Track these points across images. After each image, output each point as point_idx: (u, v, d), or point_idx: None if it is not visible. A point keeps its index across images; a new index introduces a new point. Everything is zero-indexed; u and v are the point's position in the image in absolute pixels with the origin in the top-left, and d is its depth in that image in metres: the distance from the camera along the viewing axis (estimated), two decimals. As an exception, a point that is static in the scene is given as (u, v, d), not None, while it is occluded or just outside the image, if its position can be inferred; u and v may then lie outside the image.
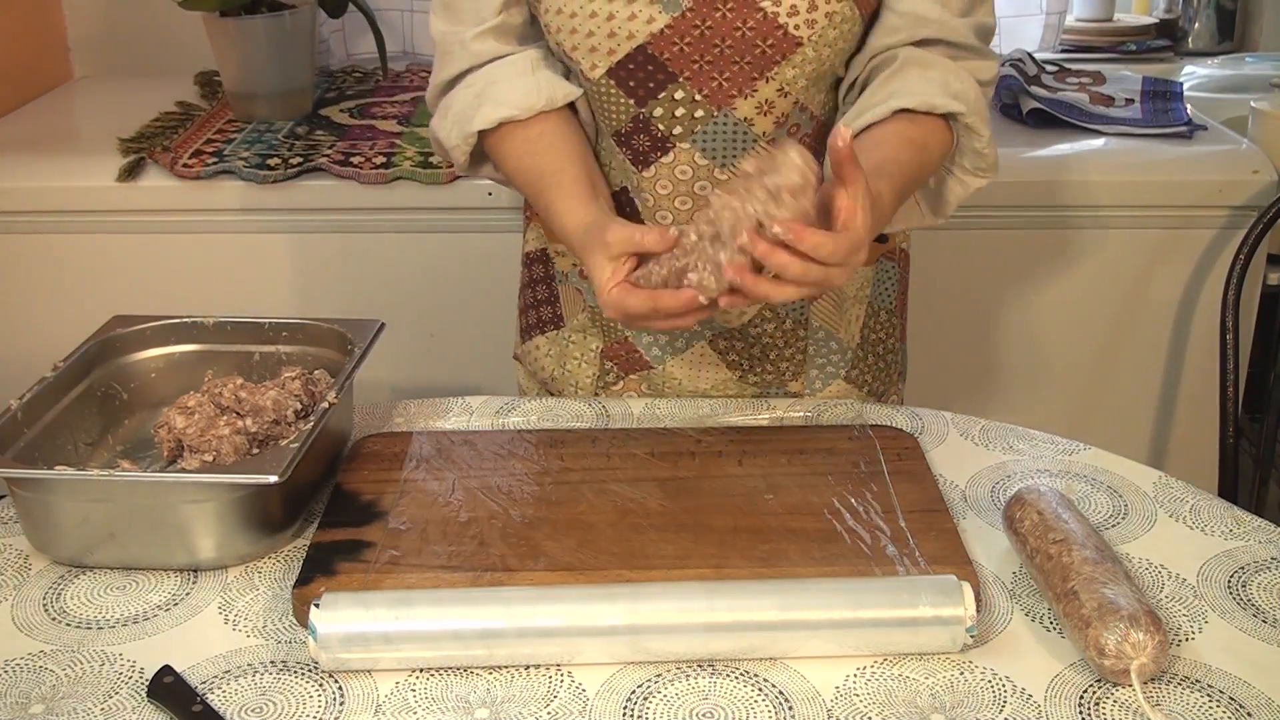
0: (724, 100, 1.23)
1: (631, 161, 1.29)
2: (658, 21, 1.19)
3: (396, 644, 0.95)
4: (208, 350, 1.30)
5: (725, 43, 1.19)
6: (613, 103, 1.25)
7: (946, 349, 2.08)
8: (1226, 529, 1.13)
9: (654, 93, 1.23)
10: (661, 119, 1.25)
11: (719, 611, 0.96)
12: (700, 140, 1.25)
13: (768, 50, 1.20)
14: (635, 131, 1.26)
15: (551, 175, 1.23)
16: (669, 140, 1.26)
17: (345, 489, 1.16)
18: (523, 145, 1.25)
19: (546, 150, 1.24)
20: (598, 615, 0.95)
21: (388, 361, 1.38)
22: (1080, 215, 1.97)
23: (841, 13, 1.19)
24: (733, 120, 1.24)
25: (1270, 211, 1.82)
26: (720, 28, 1.19)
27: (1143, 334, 2.04)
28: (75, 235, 1.98)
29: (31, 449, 1.12)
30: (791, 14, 1.18)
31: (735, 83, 1.22)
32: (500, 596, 0.97)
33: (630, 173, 1.30)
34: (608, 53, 1.21)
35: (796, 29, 1.19)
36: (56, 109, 2.36)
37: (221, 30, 2.07)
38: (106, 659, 0.98)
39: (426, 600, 0.97)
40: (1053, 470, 1.22)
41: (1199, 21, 2.57)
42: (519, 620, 0.95)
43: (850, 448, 1.21)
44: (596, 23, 1.20)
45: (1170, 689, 0.93)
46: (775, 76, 1.22)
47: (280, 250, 1.99)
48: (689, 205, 1.29)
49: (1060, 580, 0.98)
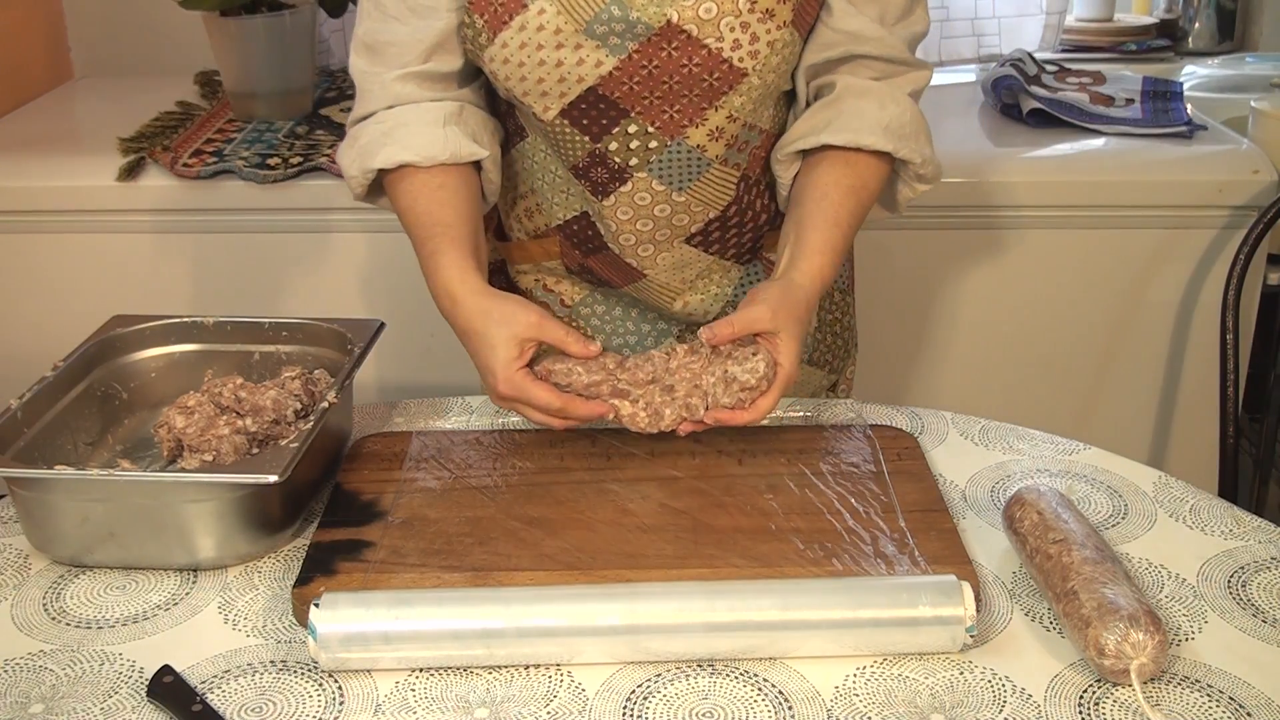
0: (676, 131, 1.24)
1: (591, 192, 1.30)
2: (605, 65, 1.19)
3: (396, 644, 0.95)
4: (208, 350, 1.30)
5: (673, 79, 1.20)
6: (568, 140, 1.26)
7: (946, 349, 2.09)
8: (1226, 529, 1.13)
9: (607, 129, 1.24)
10: (617, 152, 1.26)
11: (719, 611, 0.96)
12: (656, 169, 1.27)
13: (714, 83, 1.21)
14: (592, 165, 1.27)
15: (444, 227, 1.21)
16: (626, 170, 1.27)
17: (345, 489, 1.16)
18: (420, 189, 1.24)
19: (444, 203, 1.23)
20: (597, 615, 0.95)
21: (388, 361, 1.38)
22: (1080, 215, 1.97)
23: (782, 39, 1.20)
24: (686, 148, 1.25)
25: (1270, 211, 1.82)
26: (667, 66, 1.19)
27: (1143, 334, 2.04)
28: (75, 235, 1.98)
29: (31, 449, 1.12)
30: (734, 48, 1.18)
31: (686, 114, 1.23)
32: (500, 596, 0.97)
33: (590, 200, 1.31)
34: (559, 96, 1.22)
35: (741, 61, 1.19)
36: (56, 109, 2.35)
37: (221, 30, 2.07)
38: (106, 659, 0.98)
39: (426, 600, 0.97)
40: (1053, 470, 1.22)
41: (1199, 21, 2.57)
42: (518, 620, 0.95)
43: (850, 448, 1.21)
44: (545, 69, 1.20)
45: (1170, 689, 0.93)
46: (724, 105, 1.23)
47: (280, 250, 1.99)
48: (650, 226, 1.31)
49: (1060, 580, 0.98)
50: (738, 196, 1.31)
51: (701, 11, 1.16)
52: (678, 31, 1.17)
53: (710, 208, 1.31)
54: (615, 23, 1.17)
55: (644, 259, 1.34)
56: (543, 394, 1.13)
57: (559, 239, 1.38)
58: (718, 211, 1.31)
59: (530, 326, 1.14)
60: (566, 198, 1.33)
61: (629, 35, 1.17)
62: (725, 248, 1.36)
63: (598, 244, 1.35)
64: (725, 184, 1.30)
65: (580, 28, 1.17)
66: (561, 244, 1.38)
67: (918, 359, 2.10)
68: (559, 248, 1.39)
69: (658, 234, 1.32)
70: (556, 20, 1.17)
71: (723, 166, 1.28)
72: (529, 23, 1.18)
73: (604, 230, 1.33)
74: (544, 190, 1.35)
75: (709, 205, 1.31)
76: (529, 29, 1.18)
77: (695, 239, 1.34)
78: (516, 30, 1.18)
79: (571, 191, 1.32)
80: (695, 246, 1.34)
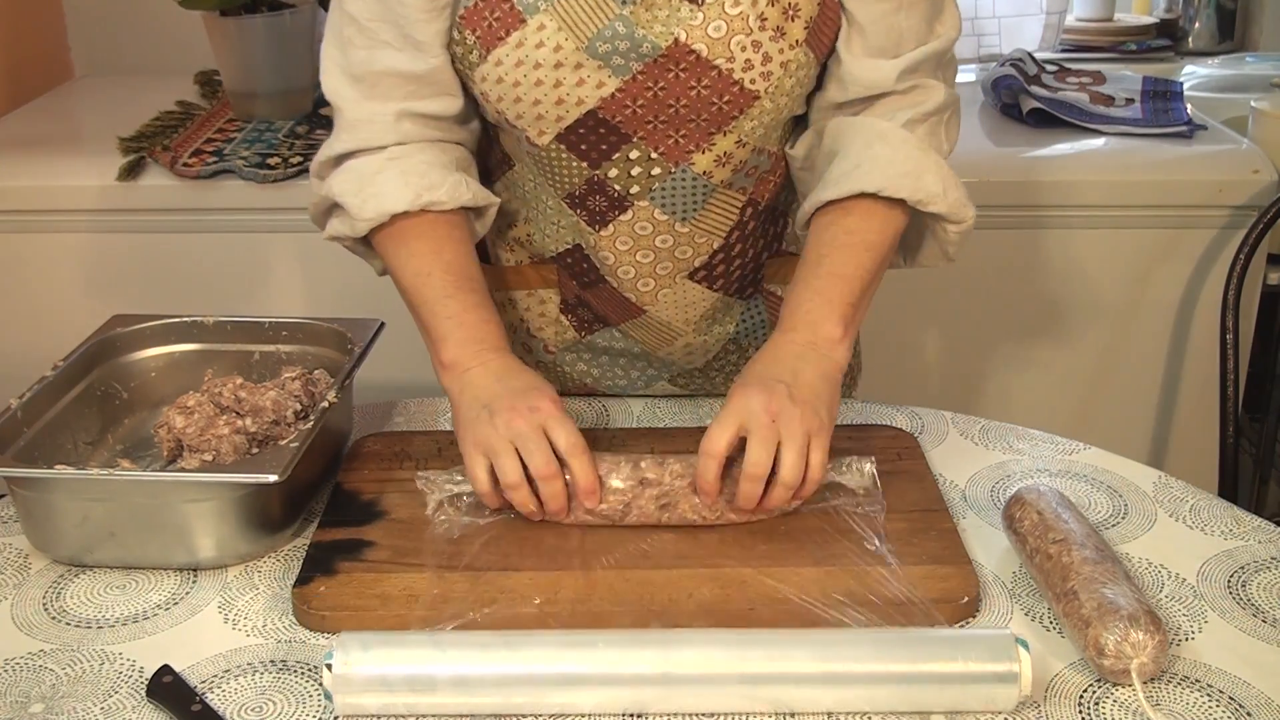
0: (681, 157, 1.18)
1: (587, 222, 1.23)
2: (608, 86, 1.13)
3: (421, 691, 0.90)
4: (207, 350, 1.30)
5: (680, 102, 1.14)
6: (563, 166, 1.20)
7: (946, 349, 2.09)
8: (1226, 529, 1.13)
9: (607, 154, 1.18)
10: (617, 179, 1.19)
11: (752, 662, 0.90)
12: (659, 197, 1.21)
13: (724, 107, 1.14)
14: (590, 193, 1.21)
15: (472, 282, 1.17)
16: (627, 199, 1.21)
17: (345, 488, 1.16)
18: (445, 236, 1.17)
19: (465, 254, 1.18)
20: (628, 662, 0.91)
21: (388, 361, 1.38)
22: (1080, 215, 1.97)
23: (796, 59, 1.14)
24: (691, 175, 1.19)
25: (1270, 211, 1.82)
26: (674, 88, 1.13)
27: (1143, 334, 2.04)
28: (75, 235, 1.98)
29: (31, 448, 1.12)
30: (746, 69, 1.12)
31: (692, 139, 1.17)
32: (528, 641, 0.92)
33: (586, 233, 1.25)
34: (555, 119, 1.15)
35: (753, 83, 1.13)
36: (56, 108, 2.35)
37: (221, 29, 2.07)
38: (106, 658, 0.98)
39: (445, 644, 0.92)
40: (1053, 470, 1.22)
41: (1199, 21, 2.57)
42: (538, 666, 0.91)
43: (850, 448, 1.21)
44: (543, 90, 1.13)
45: (1170, 689, 0.93)
46: (733, 130, 1.17)
47: (280, 250, 1.99)
48: (650, 259, 1.25)
49: (1060, 580, 0.98)
50: (741, 222, 1.26)
51: (710, 30, 1.10)
52: (686, 51, 1.11)
53: (714, 236, 1.25)
54: (619, 40, 1.10)
55: (644, 294, 1.28)
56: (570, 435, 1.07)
57: (556, 268, 1.32)
58: (721, 240, 1.25)
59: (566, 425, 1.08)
60: (558, 229, 1.27)
61: (634, 55, 1.11)
62: (729, 282, 1.30)
63: (594, 277, 1.29)
64: (729, 210, 1.24)
65: (581, 45, 1.11)
66: (559, 273, 1.32)
67: (918, 359, 2.10)
68: (557, 276, 1.33)
69: (659, 267, 1.26)
70: (557, 37, 1.10)
71: (727, 190, 1.22)
72: (527, 39, 1.11)
73: (600, 264, 1.27)
74: (535, 221, 1.29)
75: (712, 234, 1.25)
76: (527, 46, 1.11)
77: (699, 274, 1.28)
78: (513, 48, 1.12)
79: (563, 224, 1.26)
80: (699, 283, 1.28)
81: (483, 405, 1.09)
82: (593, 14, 1.10)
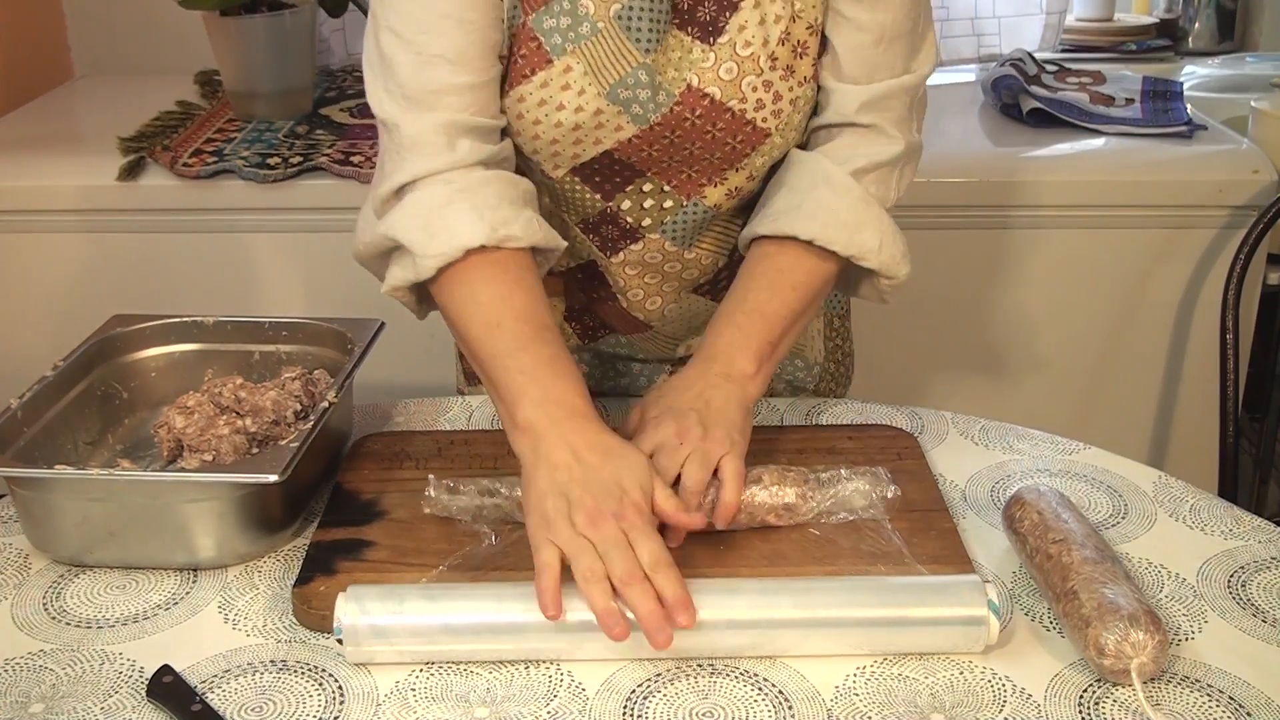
0: (693, 191, 1.20)
1: (599, 247, 1.25)
2: (626, 131, 1.13)
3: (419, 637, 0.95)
4: (207, 350, 1.30)
5: (695, 145, 1.15)
6: (578, 197, 1.20)
7: (946, 349, 2.09)
8: (1226, 529, 1.13)
9: (621, 187, 1.19)
10: (630, 211, 1.21)
11: (736, 609, 0.95)
12: (670, 229, 1.22)
13: (738, 146, 1.16)
14: (603, 222, 1.22)
15: (550, 331, 1.08)
16: (638, 231, 1.22)
17: (345, 488, 1.16)
18: (515, 274, 1.09)
19: (538, 299, 1.09)
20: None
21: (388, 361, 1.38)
22: (1080, 215, 1.97)
23: (804, 95, 1.16)
24: (702, 209, 1.21)
25: (1270, 211, 1.82)
26: (690, 134, 1.14)
27: (1143, 334, 2.04)
28: (75, 235, 1.98)
29: (31, 448, 1.12)
30: (758, 108, 1.14)
31: (705, 174, 1.18)
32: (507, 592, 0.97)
33: (598, 254, 1.26)
34: (571, 157, 1.15)
35: (764, 121, 1.15)
36: (56, 109, 2.35)
37: (221, 29, 2.06)
38: (106, 658, 0.98)
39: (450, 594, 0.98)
40: (1053, 470, 1.22)
41: (1199, 21, 2.57)
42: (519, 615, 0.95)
43: (850, 447, 1.21)
44: (561, 131, 1.13)
45: (1170, 689, 0.93)
46: (745, 166, 1.18)
47: (280, 250, 1.99)
48: (658, 279, 1.27)
49: (1060, 580, 0.98)
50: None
51: (722, 71, 1.12)
52: (700, 97, 1.12)
53: (719, 256, 1.27)
54: (640, 89, 1.11)
55: (651, 313, 1.31)
56: (655, 551, 0.96)
57: (562, 281, 1.33)
58: (725, 259, 1.28)
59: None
60: (572, 246, 1.26)
61: (652, 105, 1.12)
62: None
63: (605, 293, 1.31)
64: (732, 233, 1.26)
65: (603, 91, 1.11)
66: (566, 284, 1.33)
67: (918, 359, 2.10)
68: (563, 286, 1.33)
69: (665, 286, 1.28)
70: (582, 81, 1.10)
71: (734, 219, 1.25)
72: (552, 80, 1.11)
73: (611, 282, 1.29)
74: None
75: (717, 254, 1.27)
76: (551, 87, 1.11)
77: (704, 288, 1.30)
78: (537, 87, 1.11)
79: (578, 241, 1.26)
80: (703, 295, 1.31)
81: (561, 493, 0.98)
82: (616, 61, 1.11)
